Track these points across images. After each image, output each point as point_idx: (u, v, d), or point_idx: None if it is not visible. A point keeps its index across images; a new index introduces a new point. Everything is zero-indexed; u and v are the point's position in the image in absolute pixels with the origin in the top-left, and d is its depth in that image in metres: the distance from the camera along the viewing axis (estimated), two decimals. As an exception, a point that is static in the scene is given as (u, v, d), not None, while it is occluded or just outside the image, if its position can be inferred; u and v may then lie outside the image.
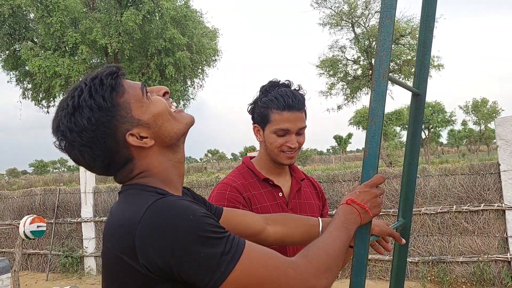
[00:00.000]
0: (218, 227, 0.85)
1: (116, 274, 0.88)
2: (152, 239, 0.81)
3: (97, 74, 0.96)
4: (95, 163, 0.97)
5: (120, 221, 0.88)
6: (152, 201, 0.85)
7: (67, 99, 0.95)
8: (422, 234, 6.03)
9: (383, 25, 1.28)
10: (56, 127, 0.96)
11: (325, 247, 0.99)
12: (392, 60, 19.51)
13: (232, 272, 0.82)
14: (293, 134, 1.62)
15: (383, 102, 1.24)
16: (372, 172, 1.23)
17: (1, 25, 15.55)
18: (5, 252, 8.56)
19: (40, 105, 17.34)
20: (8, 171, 75.57)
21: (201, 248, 0.80)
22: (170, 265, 0.81)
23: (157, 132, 0.97)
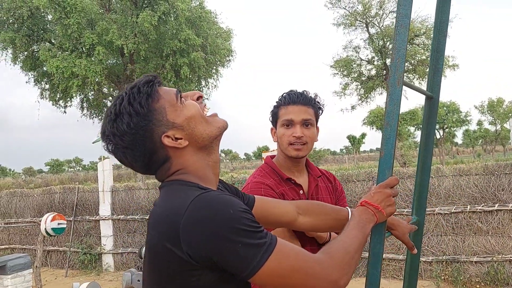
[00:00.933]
0: (255, 221, 0.94)
1: (159, 260, 0.97)
2: (195, 230, 0.90)
3: (136, 83, 1.07)
4: (136, 163, 1.07)
5: (166, 211, 0.97)
6: (196, 194, 0.94)
7: (111, 107, 1.06)
8: (436, 234, 6.06)
9: (398, 33, 1.37)
10: (103, 132, 1.07)
11: (344, 245, 1.07)
12: (407, 60, 19.43)
13: (266, 263, 0.91)
14: (298, 125, 1.74)
15: (398, 106, 1.34)
16: (388, 172, 1.33)
17: (20, 26, 15.88)
18: (26, 249, 8.78)
19: (58, 105, 17.64)
20: (24, 170, 76.70)
21: (239, 240, 0.89)
22: (211, 254, 0.90)
23: (191, 133, 1.06)
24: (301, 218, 1.43)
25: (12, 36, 15.50)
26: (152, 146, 1.05)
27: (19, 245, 9.01)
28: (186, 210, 0.92)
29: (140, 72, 15.78)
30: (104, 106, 18.22)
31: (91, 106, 18.07)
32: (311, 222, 1.44)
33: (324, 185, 1.91)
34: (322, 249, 1.07)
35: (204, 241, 0.90)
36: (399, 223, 1.53)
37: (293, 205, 1.44)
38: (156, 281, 1.01)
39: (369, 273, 1.31)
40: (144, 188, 7.96)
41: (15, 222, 8.81)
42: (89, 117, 18.49)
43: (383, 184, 1.26)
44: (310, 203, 1.50)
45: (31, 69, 16.88)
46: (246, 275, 0.92)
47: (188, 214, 0.91)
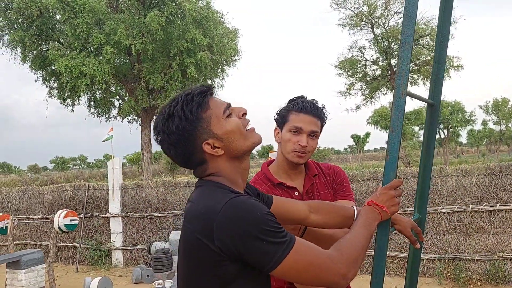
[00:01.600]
0: (277, 223, 1.11)
1: (193, 251, 1.14)
2: (228, 228, 1.07)
3: (191, 90, 1.23)
4: (177, 158, 1.26)
5: (202, 208, 1.14)
6: (230, 197, 1.12)
7: (166, 106, 1.23)
8: (439, 233, 6.20)
9: (402, 50, 1.53)
10: (155, 126, 1.25)
11: (352, 242, 1.22)
12: (411, 61, 19.45)
13: (286, 257, 1.08)
14: (305, 135, 1.82)
15: (402, 115, 1.49)
16: (392, 174, 1.48)
17: (29, 26, 16.08)
18: (37, 245, 8.98)
19: (66, 104, 17.84)
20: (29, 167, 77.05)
21: (264, 238, 1.06)
22: (239, 249, 1.07)
23: (228, 145, 1.23)
24: (312, 216, 1.59)
25: (22, 35, 15.71)
26: (193, 149, 1.21)
27: (30, 241, 9.21)
28: (221, 210, 1.09)
29: (147, 71, 15.95)
30: (112, 105, 18.42)
31: (98, 105, 18.27)
32: (322, 219, 1.60)
33: (322, 181, 1.99)
34: (334, 246, 1.23)
35: (235, 238, 1.07)
36: (402, 218, 1.65)
37: (305, 204, 1.60)
38: (189, 268, 1.18)
39: (375, 266, 1.47)
40: (153, 186, 8.14)
41: (27, 218, 9.01)
42: (97, 116, 18.70)
43: (387, 186, 1.41)
44: (321, 202, 1.65)
45: (39, 68, 17.08)
46: (268, 268, 1.09)
47: (222, 214, 1.08)
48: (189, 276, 1.19)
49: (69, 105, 17.93)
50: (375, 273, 1.46)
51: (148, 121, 17.53)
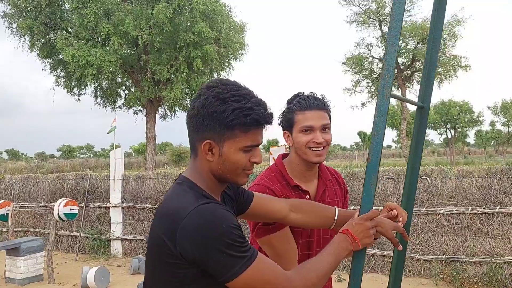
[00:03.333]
0: (242, 237, 1.12)
1: (156, 248, 1.16)
2: (190, 235, 1.08)
3: (256, 108, 1.19)
4: (192, 121, 1.23)
5: (171, 209, 1.15)
6: (199, 203, 1.12)
7: (233, 89, 1.19)
8: (437, 234, 6.18)
9: (388, 53, 1.51)
10: (208, 87, 1.22)
11: (315, 268, 1.25)
12: (419, 60, 19.36)
13: (243, 273, 1.09)
14: (318, 131, 1.75)
15: (385, 117, 1.48)
16: (374, 176, 1.47)
17: (38, 14, 16.12)
18: (38, 233, 9.06)
19: (72, 93, 17.91)
20: (36, 155, 77.63)
21: (224, 250, 1.07)
22: (198, 257, 1.08)
23: (219, 163, 1.23)
24: (292, 214, 1.59)
25: (30, 23, 15.76)
26: (200, 133, 1.21)
27: (31, 228, 9.30)
28: (187, 216, 1.09)
29: (154, 63, 15.96)
30: (118, 96, 18.48)
31: (104, 95, 18.32)
32: (302, 218, 1.61)
33: (332, 188, 1.96)
34: (296, 268, 1.27)
35: (195, 246, 1.08)
36: (383, 220, 1.60)
37: (286, 203, 1.61)
38: (153, 264, 1.20)
39: (353, 266, 1.47)
40: (154, 178, 8.17)
41: (29, 206, 9.09)
42: (102, 106, 18.77)
43: (364, 217, 1.41)
44: (302, 202, 1.65)
45: (47, 56, 17.14)
46: (223, 280, 1.10)
47: (187, 220, 1.09)
48: (153, 271, 1.21)
49: (76, 94, 18.01)
50: (353, 274, 1.46)
51: (153, 112, 17.57)
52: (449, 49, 18.73)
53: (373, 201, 1.46)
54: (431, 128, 43.05)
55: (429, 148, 69.29)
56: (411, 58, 19.48)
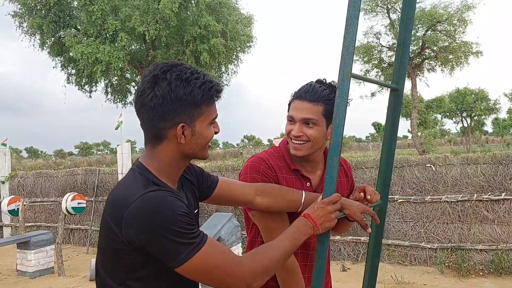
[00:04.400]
0: (189, 224, 1.12)
1: (105, 234, 1.18)
2: (136, 223, 1.09)
3: (213, 80, 1.23)
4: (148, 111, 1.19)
5: (118, 195, 1.17)
6: (146, 191, 1.12)
7: (190, 69, 1.20)
8: (442, 222, 6.12)
9: (347, 32, 1.50)
10: (162, 71, 1.19)
11: (270, 253, 1.25)
12: (428, 47, 19.04)
13: (191, 259, 1.10)
14: (297, 123, 1.65)
15: (346, 99, 1.47)
16: (336, 158, 1.47)
17: (47, 13, 16.33)
18: (50, 227, 9.24)
19: (83, 90, 18.14)
20: (55, 152, 78.80)
21: (170, 237, 1.08)
22: (144, 244, 1.10)
23: (192, 142, 1.24)
24: (258, 198, 1.59)
25: (40, 22, 15.98)
26: (169, 118, 1.18)
27: (44, 223, 9.48)
28: (133, 203, 1.10)
29: (162, 58, 16.03)
30: (128, 91, 18.63)
31: (115, 91, 18.50)
32: (268, 202, 1.60)
33: (338, 180, 1.85)
34: (249, 252, 1.27)
35: (140, 233, 1.09)
36: (351, 202, 1.58)
37: (252, 187, 1.60)
38: (103, 249, 1.21)
39: (317, 249, 1.47)
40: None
41: (41, 201, 9.26)
42: (113, 102, 18.96)
43: (326, 201, 1.40)
44: (269, 185, 1.63)
45: (58, 54, 17.37)
46: (171, 266, 1.11)
47: (133, 207, 1.10)
48: (103, 256, 1.22)
49: (87, 91, 18.22)
50: (318, 257, 1.46)
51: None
52: (459, 36, 18.36)
53: (335, 183, 1.46)
54: (446, 117, 42.42)
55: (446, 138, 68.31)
56: (421, 46, 19.17)
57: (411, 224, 6.33)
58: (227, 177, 7.59)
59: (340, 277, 5.88)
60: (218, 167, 8.07)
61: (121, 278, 1.18)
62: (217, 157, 48.89)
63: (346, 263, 6.52)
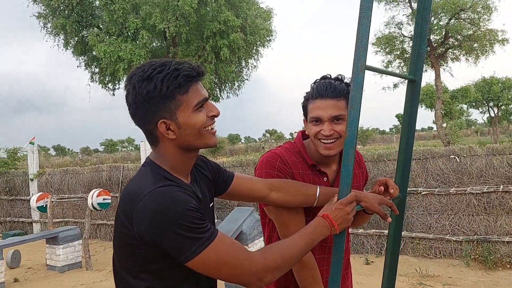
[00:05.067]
0: (199, 219, 1.12)
1: (119, 228, 1.20)
2: (145, 218, 1.10)
3: (181, 67, 1.18)
4: (133, 118, 1.23)
5: (130, 191, 1.19)
6: (156, 186, 1.14)
7: (151, 66, 1.18)
8: (468, 214, 6.02)
9: (361, 24, 1.49)
10: (130, 76, 1.20)
11: (282, 250, 1.25)
12: (452, 36, 18.59)
13: (200, 253, 1.11)
14: (326, 122, 1.63)
15: (360, 91, 1.47)
16: (351, 151, 1.47)
17: (70, 13, 16.63)
18: (78, 222, 9.48)
19: (107, 88, 18.44)
20: (81, 150, 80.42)
21: (179, 232, 1.09)
22: (154, 239, 1.11)
23: (182, 135, 1.22)
24: (273, 194, 1.60)
25: (63, 22, 16.28)
26: (150, 120, 1.20)
27: (72, 219, 9.73)
28: (143, 198, 1.12)
29: (182, 54, 16.15)
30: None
31: (137, 89, 18.70)
32: (282, 197, 1.61)
33: (354, 172, 1.86)
34: (262, 248, 1.27)
35: (150, 228, 1.10)
36: (366, 194, 1.60)
37: (267, 182, 1.61)
38: (118, 243, 1.24)
39: (335, 242, 1.48)
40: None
41: (68, 197, 9.51)
42: (136, 99, 19.16)
43: (344, 201, 1.40)
44: (283, 181, 1.64)
45: (81, 53, 17.68)
46: (181, 261, 1.13)
47: (143, 202, 1.11)
48: (118, 251, 1.26)
49: (110, 89, 18.52)
50: (335, 249, 1.47)
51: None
52: (484, 23, 17.82)
53: (351, 176, 1.46)
54: (472, 107, 41.39)
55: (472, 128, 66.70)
56: (444, 35, 18.71)
57: (435, 217, 6.24)
58: (248, 171, 7.63)
59: (363, 271, 5.85)
60: (240, 162, 8.11)
61: (135, 271, 1.20)
62: (239, 151, 49.09)
63: (370, 256, 6.49)
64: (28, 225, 10.35)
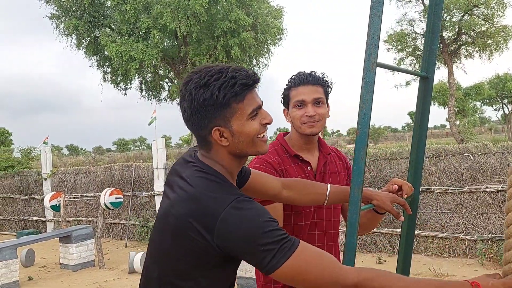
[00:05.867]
0: (278, 229, 1.11)
1: (180, 231, 1.15)
2: (230, 229, 1.08)
3: (238, 74, 1.17)
4: (187, 122, 1.24)
5: (203, 199, 1.13)
6: (234, 198, 1.12)
7: (208, 73, 1.17)
8: (482, 212, 5.94)
9: (372, 20, 1.47)
10: (187, 82, 1.20)
11: (388, 284, 1.11)
12: (465, 32, 18.33)
13: (283, 265, 1.08)
14: (309, 104, 1.80)
15: (372, 89, 1.45)
16: (363, 149, 1.45)
17: (82, 13, 16.80)
18: (91, 221, 9.56)
19: (119, 88, 18.60)
20: (94, 149, 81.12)
21: (262, 243, 1.07)
22: (238, 252, 1.11)
23: (235, 142, 1.21)
24: (285, 192, 1.60)
25: (76, 23, 16.46)
26: (204, 126, 1.20)
27: (84, 218, 9.82)
28: (225, 211, 1.09)
29: (193, 53, 16.20)
30: (161, 88, 18.95)
31: (149, 88, 18.86)
32: (293, 195, 1.61)
33: (333, 162, 1.99)
34: (362, 268, 1.17)
35: (235, 240, 1.09)
36: (378, 193, 1.62)
37: (279, 181, 1.62)
38: (169, 244, 1.20)
39: (347, 242, 1.46)
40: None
41: (81, 196, 9.60)
42: (147, 99, 19.34)
43: (508, 284, 1.16)
44: (294, 180, 1.65)
45: (93, 54, 17.85)
46: (265, 272, 1.11)
47: (226, 215, 1.09)
48: (170, 255, 1.21)
49: (122, 89, 18.67)
50: (347, 249, 1.46)
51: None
52: (498, 19, 17.53)
53: (363, 175, 1.44)
54: (486, 104, 40.83)
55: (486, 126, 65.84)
56: (457, 32, 18.45)
57: (449, 215, 6.17)
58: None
59: (375, 270, 5.81)
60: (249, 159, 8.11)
61: (195, 275, 1.19)
62: (251, 150, 48.94)
63: (382, 255, 6.44)
64: (41, 224, 10.48)
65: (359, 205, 1.49)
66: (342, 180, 1.97)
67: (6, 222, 11.13)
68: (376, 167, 6.71)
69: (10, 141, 35.12)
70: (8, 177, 11.18)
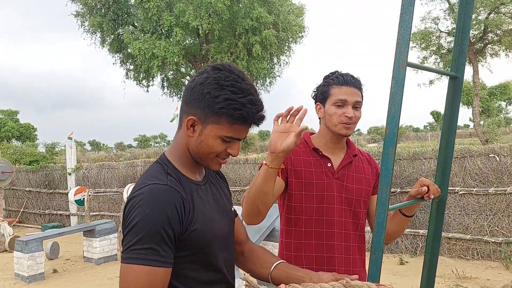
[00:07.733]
0: (156, 233, 1.09)
1: None
2: (126, 208, 1.15)
3: (248, 106, 1.17)
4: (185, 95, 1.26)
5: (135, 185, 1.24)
6: (150, 183, 1.15)
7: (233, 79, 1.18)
8: (508, 214, 5.82)
9: (402, 20, 1.47)
10: (215, 69, 1.21)
11: None
12: (491, 31, 17.89)
13: (122, 264, 1.09)
14: (350, 106, 1.81)
15: (401, 88, 1.45)
16: (392, 149, 1.45)
17: (107, 11, 17.05)
18: (113, 216, 9.72)
19: (141, 85, 18.81)
20: (116, 145, 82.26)
21: (129, 233, 1.10)
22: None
23: (196, 141, 1.22)
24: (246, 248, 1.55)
25: (100, 20, 16.72)
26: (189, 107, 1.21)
27: (107, 212, 9.99)
28: (134, 192, 1.16)
29: (215, 51, 16.27)
30: (183, 85, 19.11)
31: (170, 85, 19.03)
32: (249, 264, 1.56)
33: (361, 165, 1.96)
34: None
35: (124, 219, 1.15)
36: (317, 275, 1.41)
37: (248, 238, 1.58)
38: None
39: (374, 242, 1.47)
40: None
41: (104, 191, 9.76)
42: (169, 96, 19.51)
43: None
44: (259, 247, 1.59)
45: (117, 51, 18.09)
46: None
47: (131, 194, 1.17)
48: None
49: (144, 86, 18.87)
50: (374, 249, 1.46)
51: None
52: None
53: (391, 175, 1.44)
54: (510, 104, 39.90)
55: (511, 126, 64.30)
56: (483, 30, 18.03)
57: (473, 217, 6.06)
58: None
59: (397, 270, 5.75)
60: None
61: None
62: (270, 148, 48.91)
63: (404, 256, 6.37)
64: (66, 218, 10.70)
65: (387, 205, 1.49)
66: (368, 183, 1.94)
67: (32, 215, 11.41)
68: (398, 167, 6.64)
69: (35, 136, 35.90)
70: (34, 171, 11.46)
